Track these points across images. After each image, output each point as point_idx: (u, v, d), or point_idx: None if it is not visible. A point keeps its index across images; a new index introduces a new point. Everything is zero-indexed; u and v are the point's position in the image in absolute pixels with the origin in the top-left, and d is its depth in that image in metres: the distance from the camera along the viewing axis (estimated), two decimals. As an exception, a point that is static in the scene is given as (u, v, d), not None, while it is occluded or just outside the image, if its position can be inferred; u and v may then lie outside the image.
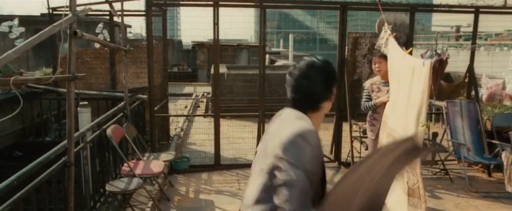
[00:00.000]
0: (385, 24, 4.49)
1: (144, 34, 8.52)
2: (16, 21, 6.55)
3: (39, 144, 6.56)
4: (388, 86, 4.09)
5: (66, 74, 2.96)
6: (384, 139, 3.91)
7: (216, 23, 5.23)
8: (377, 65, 4.15)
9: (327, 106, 1.61)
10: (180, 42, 24.04)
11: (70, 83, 2.99)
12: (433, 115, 7.82)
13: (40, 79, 3.14)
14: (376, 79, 4.25)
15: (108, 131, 3.96)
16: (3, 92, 6.11)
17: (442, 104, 5.92)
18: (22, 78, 2.80)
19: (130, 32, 14.46)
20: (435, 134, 5.88)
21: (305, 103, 1.59)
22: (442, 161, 5.54)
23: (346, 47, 5.61)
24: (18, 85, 6.35)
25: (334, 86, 1.62)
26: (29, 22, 8.75)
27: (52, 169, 2.96)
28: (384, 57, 4.10)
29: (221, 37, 5.39)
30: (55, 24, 2.80)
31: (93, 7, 6.30)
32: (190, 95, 12.14)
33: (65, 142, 3.09)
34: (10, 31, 6.45)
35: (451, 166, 5.70)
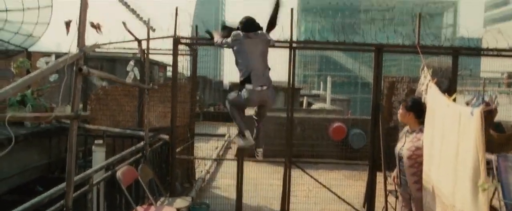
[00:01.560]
0: (425, 68, 4.09)
1: (184, 72, 8.50)
2: (53, 58, 6.74)
3: (64, 180, 6.51)
4: (410, 135, 3.65)
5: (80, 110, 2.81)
6: (430, 198, 3.40)
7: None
8: (399, 111, 3.82)
9: None
10: (221, 82, 24.34)
11: (73, 122, 2.82)
12: (482, 169, 7.07)
13: (39, 117, 3.00)
14: (408, 127, 3.84)
15: (118, 173, 3.75)
16: (32, 125, 6.17)
17: (492, 157, 5.28)
18: (19, 115, 2.67)
19: (169, 71, 14.75)
20: (484, 192, 5.22)
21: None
22: (492, 223, 4.84)
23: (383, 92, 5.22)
24: (47, 121, 6.42)
25: None
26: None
27: (44, 215, 2.74)
28: (408, 107, 3.71)
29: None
30: (59, 59, 2.68)
31: (125, 45, 6.37)
32: (223, 135, 11.95)
33: (63, 184, 2.89)
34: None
35: (504, 231, 4.96)
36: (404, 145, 3.69)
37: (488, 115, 5.92)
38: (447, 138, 2.97)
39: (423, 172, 3.47)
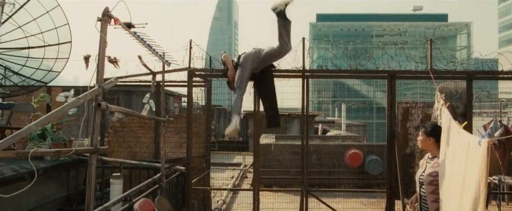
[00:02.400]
0: (437, 93, 4.08)
1: (199, 103, 8.63)
2: (72, 92, 6.93)
3: (81, 213, 6.58)
4: (431, 161, 3.61)
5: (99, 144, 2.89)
6: None
7: (255, 94, 5.12)
8: (418, 138, 3.81)
9: None
10: (234, 111, 24.41)
11: (92, 156, 2.90)
12: (505, 195, 6.87)
13: (60, 151, 3.09)
14: (429, 154, 3.79)
15: (135, 206, 3.77)
16: (51, 159, 6.30)
17: (514, 182, 5.17)
18: (41, 150, 2.76)
19: (184, 102, 14.95)
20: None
21: None
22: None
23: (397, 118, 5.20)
24: (66, 153, 6.56)
25: None
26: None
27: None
28: (428, 132, 3.68)
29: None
30: (79, 96, 2.79)
31: (142, 78, 6.53)
32: (238, 165, 11.92)
33: (82, 218, 2.94)
34: (65, 101, 6.83)
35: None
36: (425, 171, 3.64)
37: (508, 140, 5.81)
38: (456, 164, 2.96)
39: (440, 199, 3.41)
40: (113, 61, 5.04)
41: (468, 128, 3.76)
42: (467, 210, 2.46)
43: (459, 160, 2.82)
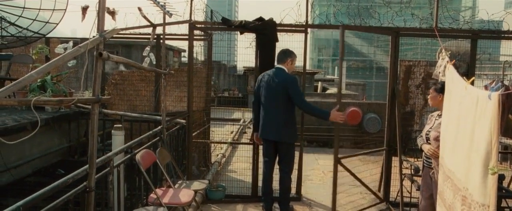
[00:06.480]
0: (443, 50, 4.04)
1: (199, 58, 8.56)
2: (70, 44, 6.81)
3: (83, 163, 6.69)
4: (439, 119, 3.64)
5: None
6: (440, 179, 3.42)
7: (257, 48, 5.07)
8: (429, 96, 3.82)
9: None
10: (234, 67, 24.34)
11: (94, 105, 2.89)
12: (500, 155, 7.00)
13: (62, 100, 3.08)
14: (438, 112, 3.83)
15: (137, 156, 3.83)
16: (52, 110, 6.33)
17: (511, 142, 5.23)
18: (44, 99, 2.74)
19: (184, 56, 14.81)
20: (501, 177, 5.18)
21: None
22: (510, 208, 4.83)
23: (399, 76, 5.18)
24: (68, 105, 6.57)
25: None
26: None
27: (69, 194, 2.84)
28: (439, 89, 3.69)
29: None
30: (80, 45, 2.73)
31: (142, 30, 6.41)
32: (238, 120, 12.03)
33: (86, 166, 2.99)
34: (64, 53, 6.74)
35: (521, 215, 4.94)
36: (432, 127, 3.69)
37: (506, 99, 5.83)
38: (463, 121, 2.95)
39: (439, 156, 3.46)
40: (111, 12, 4.93)
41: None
42: (479, 165, 2.49)
43: (466, 117, 2.82)
